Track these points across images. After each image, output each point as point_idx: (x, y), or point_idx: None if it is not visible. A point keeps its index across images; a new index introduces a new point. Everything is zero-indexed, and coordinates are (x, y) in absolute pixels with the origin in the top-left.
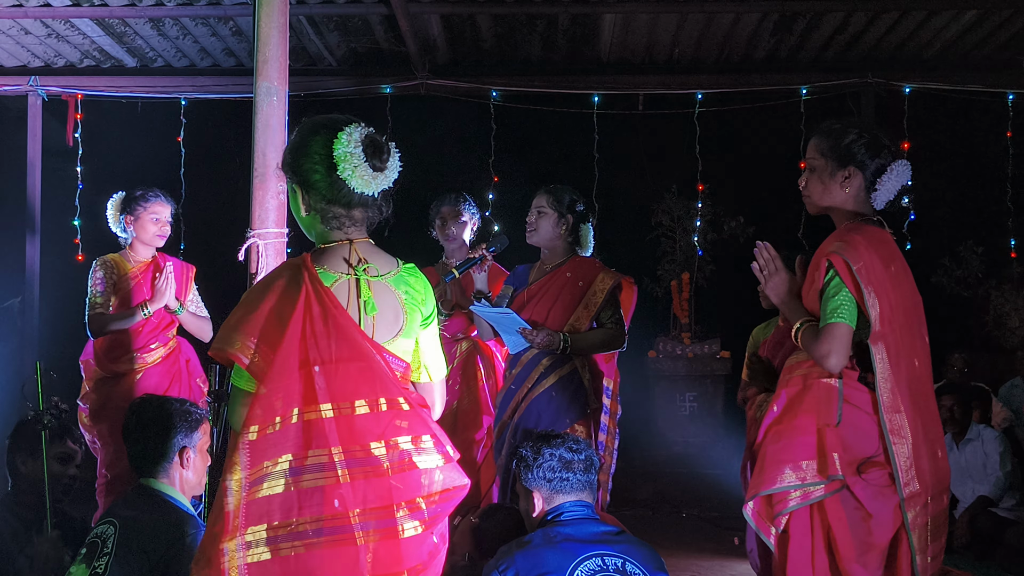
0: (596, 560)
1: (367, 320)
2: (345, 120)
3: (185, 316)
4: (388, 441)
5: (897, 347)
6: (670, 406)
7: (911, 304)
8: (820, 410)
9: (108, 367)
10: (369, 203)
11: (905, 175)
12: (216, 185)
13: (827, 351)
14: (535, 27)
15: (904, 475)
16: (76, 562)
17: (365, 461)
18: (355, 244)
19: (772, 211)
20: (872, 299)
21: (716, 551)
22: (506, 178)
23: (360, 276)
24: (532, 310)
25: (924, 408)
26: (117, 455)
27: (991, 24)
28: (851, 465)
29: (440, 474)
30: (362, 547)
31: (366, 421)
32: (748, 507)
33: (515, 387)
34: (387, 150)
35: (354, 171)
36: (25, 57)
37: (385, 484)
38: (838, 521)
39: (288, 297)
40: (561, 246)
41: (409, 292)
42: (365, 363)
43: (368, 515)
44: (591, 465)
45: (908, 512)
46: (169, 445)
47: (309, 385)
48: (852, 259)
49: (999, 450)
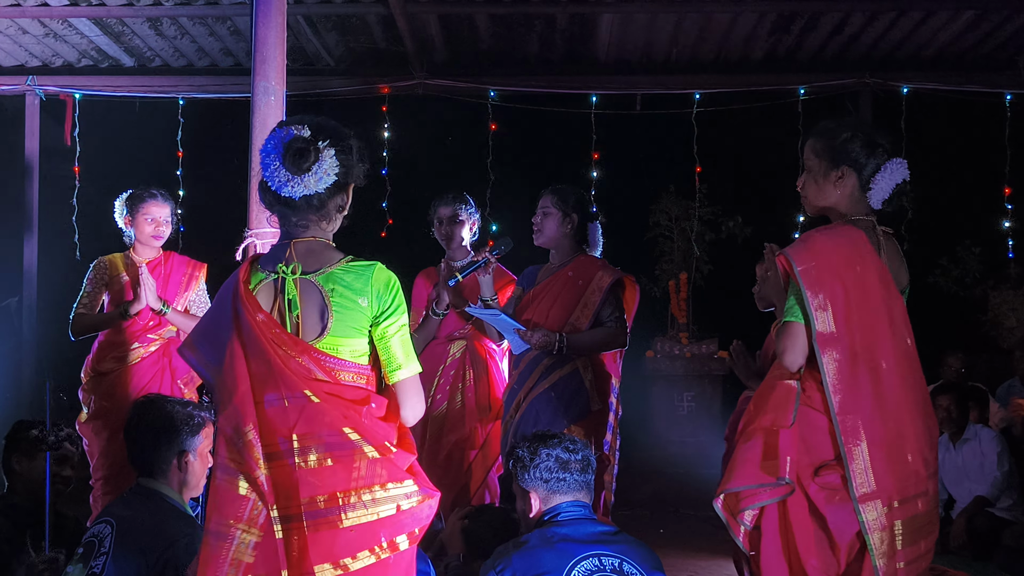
0: (593, 560)
1: (291, 318)
2: (290, 121)
3: (172, 316)
4: (296, 435)
5: (854, 348)
6: (668, 406)
7: (880, 305)
8: (777, 411)
9: (95, 366)
10: (301, 206)
11: (900, 174)
12: (213, 185)
13: (782, 348)
14: (533, 27)
15: (857, 476)
16: (73, 562)
17: (278, 455)
18: (293, 243)
19: (770, 211)
20: (818, 300)
21: (714, 551)
22: (504, 178)
23: (285, 275)
24: (534, 310)
25: (895, 411)
26: (104, 454)
27: (989, 24)
28: (810, 467)
29: (363, 471)
30: (281, 540)
31: (275, 415)
32: (718, 502)
33: (517, 387)
34: (312, 156)
35: (272, 172)
36: (23, 56)
37: (294, 478)
38: (797, 521)
39: (222, 299)
40: (567, 245)
41: (337, 290)
42: (265, 359)
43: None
44: (588, 465)
45: (863, 515)
46: (169, 448)
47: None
48: (797, 260)
49: (996, 450)
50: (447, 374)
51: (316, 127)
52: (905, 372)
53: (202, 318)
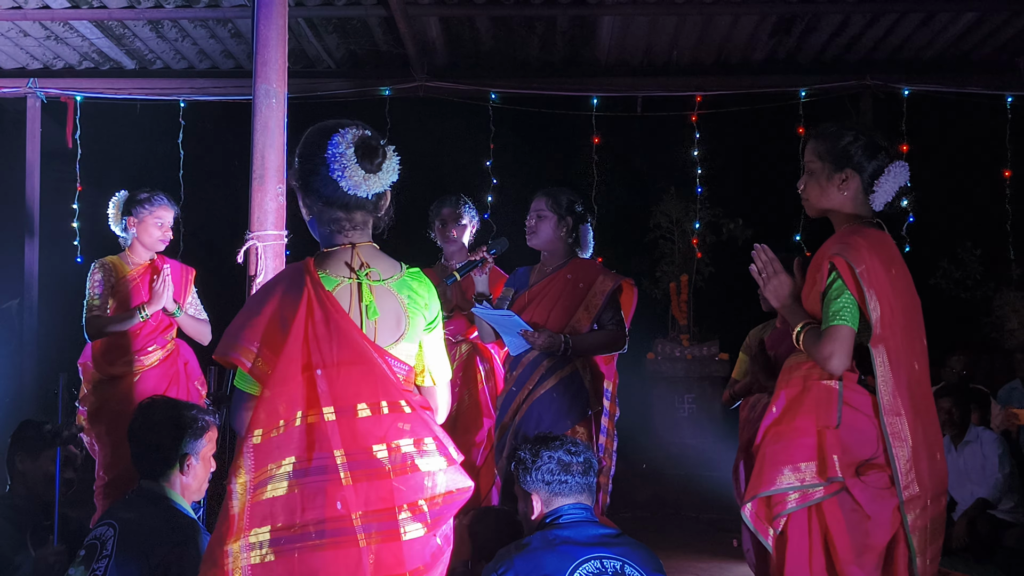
0: (595, 563)
1: (369, 324)
2: (345, 123)
3: (183, 319)
4: (390, 444)
5: (897, 350)
6: (669, 408)
7: (911, 307)
8: (819, 412)
9: (106, 370)
10: (366, 205)
11: (903, 176)
12: (215, 187)
13: (830, 353)
14: (534, 29)
15: (904, 478)
16: (75, 564)
17: (367, 463)
18: (357, 248)
19: (770, 213)
20: (874, 302)
21: (715, 553)
22: (505, 180)
23: (362, 280)
24: (533, 312)
25: (923, 411)
26: (114, 457)
27: (989, 26)
28: (850, 467)
29: (443, 476)
30: (364, 549)
31: (368, 424)
32: (746, 508)
33: (516, 389)
34: (381, 153)
35: (344, 171)
36: (24, 59)
37: (387, 486)
38: (836, 523)
39: (290, 301)
40: (561, 248)
41: (412, 296)
42: (366, 366)
43: (370, 517)
44: (590, 467)
45: (908, 515)
46: (173, 450)
47: (312, 388)
48: (855, 261)
49: (998, 452)
50: (455, 376)
51: (368, 127)
52: (928, 373)
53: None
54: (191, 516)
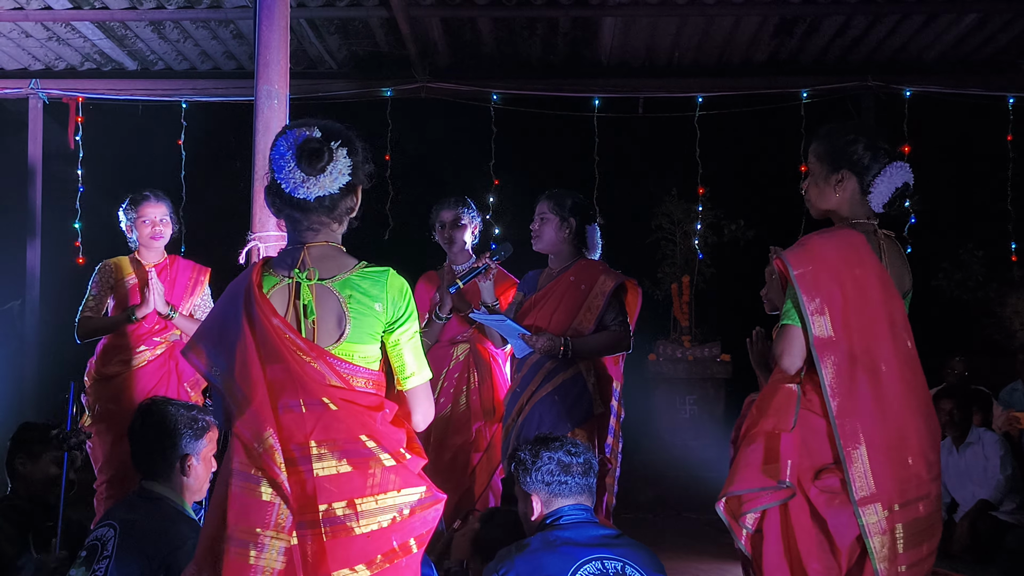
0: (596, 564)
1: (307, 324)
2: (297, 124)
3: (178, 320)
4: (311, 442)
5: (852, 352)
6: (670, 409)
7: (880, 308)
8: (779, 415)
9: (100, 369)
10: (316, 208)
11: (900, 177)
12: (217, 188)
13: (780, 351)
14: (535, 30)
15: (857, 480)
16: (76, 565)
17: (295, 460)
18: (307, 248)
19: (772, 214)
20: (814, 304)
21: (716, 554)
22: (507, 181)
23: (301, 280)
24: (536, 315)
25: (895, 414)
26: (111, 455)
27: (991, 27)
28: (810, 471)
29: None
30: (295, 546)
31: (288, 421)
32: (720, 505)
33: (520, 390)
34: (326, 156)
35: (285, 174)
36: (26, 60)
37: (311, 484)
38: (799, 524)
39: (234, 302)
40: (567, 250)
41: (355, 296)
42: (283, 365)
43: (302, 514)
44: (590, 468)
45: (862, 517)
46: (173, 451)
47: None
48: (794, 264)
49: (999, 453)
50: (451, 377)
51: (325, 128)
52: (906, 375)
53: (206, 320)
54: (192, 517)
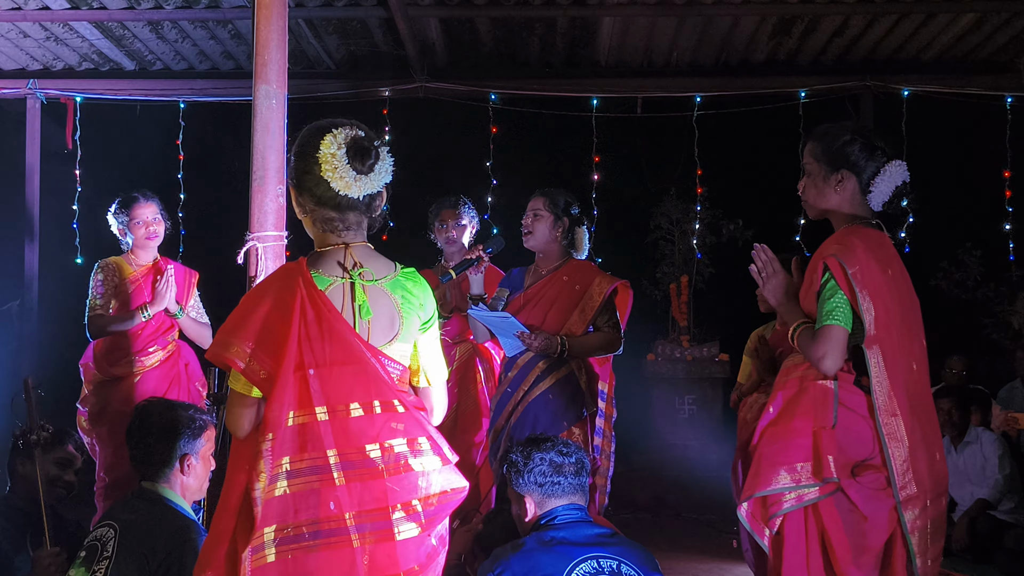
0: (591, 563)
1: (362, 324)
2: (339, 123)
3: (185, 320)
4: (383, 443)
5: (893, 351)
6: (669, 409)
7: (908, 307)
8: (816, 412)
9: (107, 370)
10: (358, 206)
11: (900, 176)
12: (215, 188)
13: (823, 353)
14: (534, 30)
15: (900, 478)
16: (75, 565)
17: (360, 464)
18: (351, 248)
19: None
20: (867, 303)
21: (714, 554)
22: (505, 181)
23: (355, 280)
24: (529, 314)
25: (921, 411)
26: (116, 459)
27: (989, 27)
28: (846, 468)
29: (437, 476)
30: (358, 549)
31: (360, 423)
32: (743, 508)
33: (511, 390)
34: (374, 154)
35: (334, 172)
36: (23, 60)
37: (381, 486)
38: (833, 523)
39: (283, 301)
40: (557, 249)
41: (406, 296)
42: (359, 366)
43: (364, 517)
44: (582, 468)
45: (905, 515)
46: (172, 451)
47: (304, 388)
48: (848, 263)
49: (998, 453)
50: (454, 376)
51: (363, 128)
52: (927, 373)
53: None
54: (191, 517)
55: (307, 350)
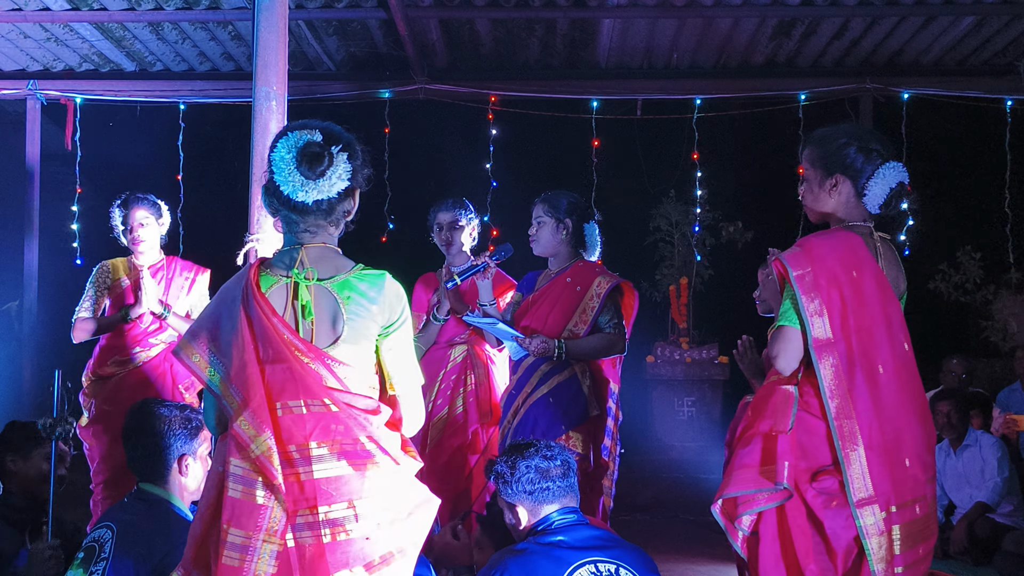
0: (589, 566)
1: (305, 324)
2: (300, 126)
3: (172, 320)
4: (312, 443)
5: (851, 354)
6: (668, 411)
7: (878, 310)
8: (776, 416)
9: (96, 370)
10: (314, 211)
11: (895, 177)
12: (215, 189)
13: (775, 352)
14: (534, 32)
15: (855, 481)
16: (73, 566)
17: (295, 463)
18: (305, 248)
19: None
20: (814, 305)
21: (713, 556)
22: (505, 182)
23: (298, 280)
24: (532, 317)
25: (893, 415)
26: (106, 458)
27: (989, 30)
28: (807, 472)
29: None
30: (293, 548)
31: (288, 423)
32: (716, 507)
33: (515, 392)
34: (327, 160)
35: (285, 177)
36: (24, 61)
37: (311, 486)
38: (795, 525)
39: (231, 301)
40: (565, 252)
41: (353, 297)
42: (286, 364)
43: (297, 516)
44: (568, 469)
45: (861, 520)
46: (168, 452)
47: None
48: (793, 265)
49: (997, 456)
50: (448, 379)
51: (326, 131)
52: (903, 377)
53: (198, 320)
54: (189, 518)
55: (259, 347)
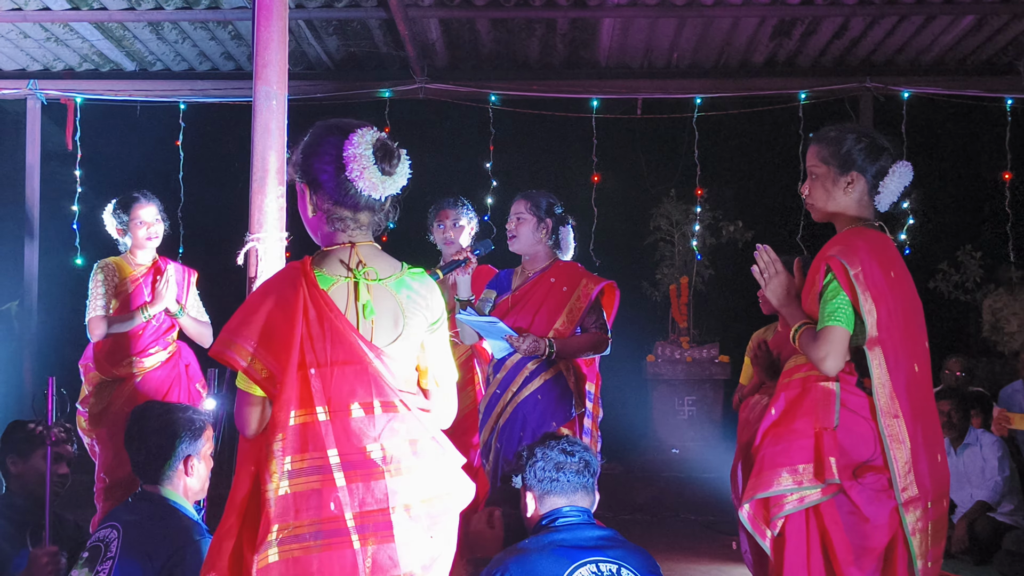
0: (591, 566)
1: (365, 323)
2: (359, 124)
3: (185, 320)
4: (384, 444)
5: (895, 352)
6: (668, 410)
7: (911, 309)
8: (818, 414)
9: (108, 371)
10: (376, 207)
11: (907, 176)
12: (215, 189)
13: (824, 354)
14: (534, 31)
15: (902, 480)
16: (78, 566)
17: (361, 464)
18: (357, 247)
19: (771, 215)
20: (869, 304)
21: (714, 556)
22: (504, 182)
23: (359, 279)
24: (516, 316)
25: (923, 413)
26: (116, 460)
27: (989, 29)
28: (847, 469)
29: (440, 477)
30: (359, 550)
31: (361, 424)
32: (744, 509)
33: (500, 391)
34: (397, 156)
35: (362, 173)
36: (24, 61)
37: (382, 487)
38: (834, 524)
39: (286, 300)
40: (543, 251)
41: (411, 296)
42: (359, 365)
43: (365, 518)
44: (586, 467)
45: (907, 517)
46: (173, 453)
47: (305, 388)
48: (850, 264)
49: (997, 455)
50: None
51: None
52: (930, 375)
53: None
54: (194, 518)
55: (308, 349)
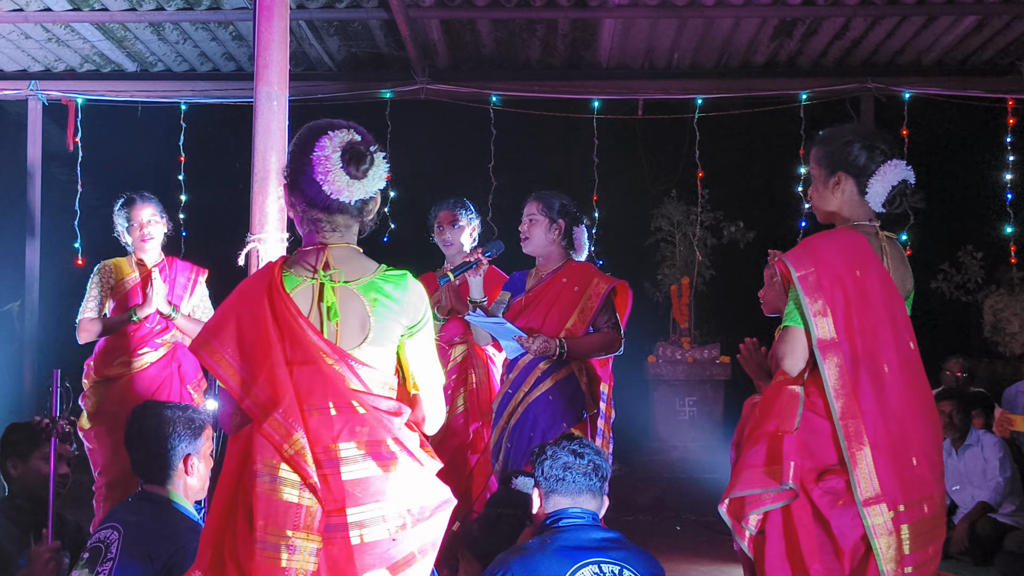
0: (593, 567)
1: (330, 326)
2: (337, 125)
3: (180, 320)
4: (341, 445)
5: (855, 353)
6: (670, 411)
7: (882, 310)
8: (782, 416)
9: (102, 371)
10: (348, 210)
11: (897, 175)
12: (216, 189)
13: (783, 353)
14: (535, 32)
15: (861, 481)
16: (78, 566)
17: (322, 464)
18: (329, 249)
19: (772, 216)
20: (818, 306)
21: (715, 557)
22: (506, 183)
23: (324, 281)
24: (528, 317)
25: (899, 415)
26: (111, 459)
27: (990, 30)
28: (813, 472)
29: (408, 481)
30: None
31: (316, 424)
32: (723, 506)
33: (512, 391)
34: (369, 160)
35: (327, 176)
36: (25, 61)
37: (339, 487)
38: (801, 525)
39: (252, 302)
40: (556, 252)
41: (379, 299)
42: (315, 367)
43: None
44: (596, 469)
45: (868, 518)
46: (173, 453)
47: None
48: (797, 266)
49: (999, 456)
50: (448, 378)
51: (362, 133)
52: (908, 376)
53: (216, 320)
54: (194, 518)
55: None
